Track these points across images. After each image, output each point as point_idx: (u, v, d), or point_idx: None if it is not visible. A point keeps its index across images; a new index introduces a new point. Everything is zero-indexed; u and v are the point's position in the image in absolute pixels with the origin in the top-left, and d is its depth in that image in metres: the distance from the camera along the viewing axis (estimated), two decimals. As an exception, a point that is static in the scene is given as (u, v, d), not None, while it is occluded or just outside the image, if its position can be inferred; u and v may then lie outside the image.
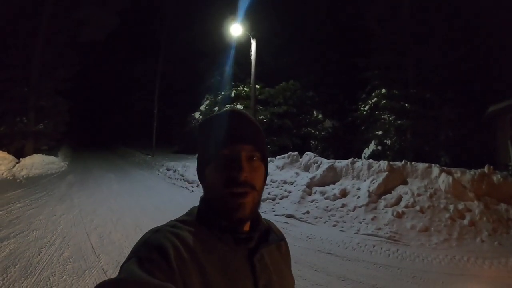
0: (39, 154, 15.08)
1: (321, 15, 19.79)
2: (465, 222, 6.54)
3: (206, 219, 0.91)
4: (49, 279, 4.32)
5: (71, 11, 17.79)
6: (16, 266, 4.66)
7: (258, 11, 17.32)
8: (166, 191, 11.22)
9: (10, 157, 13.22)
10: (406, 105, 14.76)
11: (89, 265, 4.80)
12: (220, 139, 0.92)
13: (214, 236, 0.89)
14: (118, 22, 20.76)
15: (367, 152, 15.59)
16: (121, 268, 0.74)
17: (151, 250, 0.76)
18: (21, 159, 13.69)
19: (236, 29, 14.28)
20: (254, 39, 14.20)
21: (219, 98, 20.19)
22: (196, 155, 1.06)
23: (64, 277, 4.39)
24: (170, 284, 0.69)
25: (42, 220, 7.06)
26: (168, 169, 14.84)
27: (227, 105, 18.34)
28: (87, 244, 5.70)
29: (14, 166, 12.70)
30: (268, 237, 0.98)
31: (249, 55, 14.64)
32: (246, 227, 0.95)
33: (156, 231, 0.84)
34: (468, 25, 14.84)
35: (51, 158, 15.46)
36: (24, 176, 12.23)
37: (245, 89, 19.03)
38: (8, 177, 11.73)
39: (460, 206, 6.94)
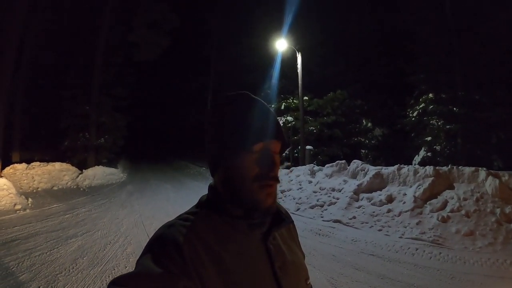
0: (100, 166, 16.04)
1: (364, 22, 19.53)
2: (512, 226, 6.30)
3: (217, 208, 0.92)
4: (114, 269, 4.74)
5: (126, 34, 19.01)
6: (84, 258, 5.14)
7: (301, 23, 17.59)
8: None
9: (74, 168, 14.28)
10: (455, 108, 14.16)
11: (150, 259, 5.27)
12: (251, 133, 0.90)
13: (226, 223, 0.89)
14: (169, 42, 21.82)
15: (417, 159, 15.18)
16: (137, 262, 0.77)
17: (165, 245, 0.78)
18: (83, 170, 14.67)
19: (281, 44, 14.76)
20: (300, 53, 14.50)
21: (270, 110, 20.30)
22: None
23: (127, 268, 4.80)
24: (183, 277, 0.73)
25: (105, 222, 7.64)
26: (222, 180, 15.15)
27: (278, 117, 18.51)
28: (148, 242, 6.21)
29: (77, 177, 13.71)
30: (279, 219, 0.99)
31: (296, 67, 14.96)
32: None
33: (169, 226, 0.85)
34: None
35: (111, 170, 16.37)
36: (87, 186, 13.20)
37: (294, 101, 19.10)
38: (72, 186, 12.75)
39: (507, 209, 6.62)
